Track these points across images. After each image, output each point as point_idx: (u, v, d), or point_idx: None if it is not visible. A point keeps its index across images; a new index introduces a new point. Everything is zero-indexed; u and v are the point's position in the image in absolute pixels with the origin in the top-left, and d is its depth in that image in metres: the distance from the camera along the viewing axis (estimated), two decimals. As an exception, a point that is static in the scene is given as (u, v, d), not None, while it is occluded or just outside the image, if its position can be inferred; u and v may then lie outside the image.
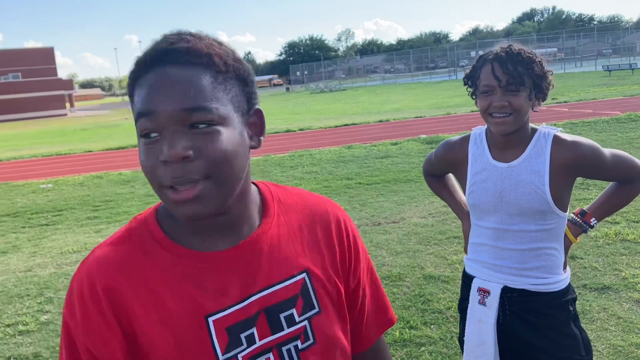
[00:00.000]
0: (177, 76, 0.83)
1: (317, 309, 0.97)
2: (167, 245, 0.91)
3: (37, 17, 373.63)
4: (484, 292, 1.94)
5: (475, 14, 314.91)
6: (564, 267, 1.92)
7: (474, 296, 1.97)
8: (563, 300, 1.88)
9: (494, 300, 1.91)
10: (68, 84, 66.81)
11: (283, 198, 1.02)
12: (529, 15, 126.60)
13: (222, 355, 0.89)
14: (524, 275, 1.88)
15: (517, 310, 1.90)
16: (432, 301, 4.14)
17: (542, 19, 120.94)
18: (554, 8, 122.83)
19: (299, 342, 0.94)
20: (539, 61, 1.79)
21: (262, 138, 0.93)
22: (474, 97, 1.89)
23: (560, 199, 1.83)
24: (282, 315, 0.93)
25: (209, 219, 0.88)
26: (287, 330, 0.93)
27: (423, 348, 3.50)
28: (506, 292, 1.91)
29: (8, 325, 4.36)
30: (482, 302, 1.94)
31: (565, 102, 19.23)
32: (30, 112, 56.80)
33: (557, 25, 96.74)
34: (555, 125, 1.94)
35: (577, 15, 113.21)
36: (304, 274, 0.96)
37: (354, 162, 10.81)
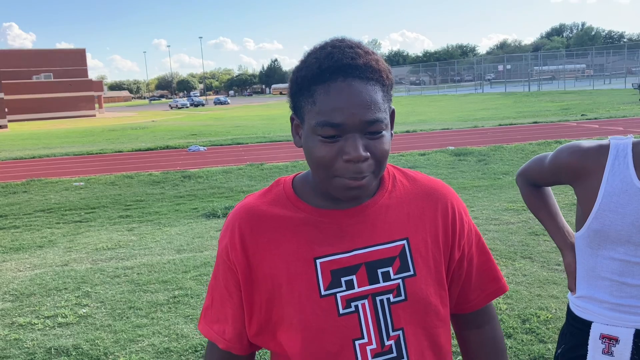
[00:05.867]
0: (361, 91, 0.99)
1: (411, 272, 1.10)
2: (294, 201, 1.12)
3: (68, 19, 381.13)
4: (610, 340, 1.61)
5: (503, 27, 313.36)
6: None
7: (595, 345, 1.63)
8: None
9: (625, 349, 1.59)
10: (98, 85, 68.01)
11: (399, 177, 1.18)
12: (557, 31, 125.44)
13: (324, 291, 1.07)
14: None
15: None
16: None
17: (571, 35, 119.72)
18: (583, 24, 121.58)
19: (391, 296, 1.08)
20: None
21: (392, 132, 1.10)
22: None
23: None
24: (379, 270, 1.09)
25: None
26: (382, 284, 1.08)
27: None
28: (638, 336, 1.58)
29: (47, 317, 4.46)
30: (607, 352, 1.61)
31: (595, 118, 19.05)
32: (61, 112, 57.85)
33: (586, 42, 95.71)
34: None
35: (606, 32, 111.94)
36: (404, 242, 1.11)
37: (382, 171, 10.82)
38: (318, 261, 1.07)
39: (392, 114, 1.10)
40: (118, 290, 4.98)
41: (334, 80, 0.99)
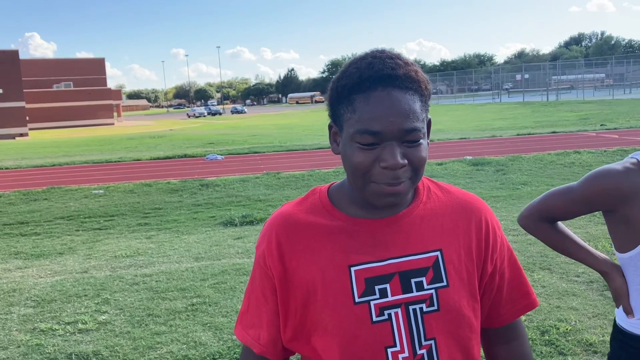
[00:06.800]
0: (400, 101, 1.02)
1: (444, 283, 1.11)
2: (330, 209, 1.15)
3: (88, 29, 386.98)
4: None
5: (521, 37, 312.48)
6: None
7: None
8: None
9: None
10: (117, 94, 68.82)
11: (433, 189, 1.20)
12: (576, 40, 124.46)
13: (358, 298, 1.08)
14: None
15: None
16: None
17: (590, 44, 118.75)
18: (602, 33, 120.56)
19: (424, 306, 1.10)
20: None
21: (428, 141, 1.11)
22: None
23: None
24: (413, 280, 1.10)
25: None
26: (415, 293, 1.10)
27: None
28: None
29: (68, 323, 4.52)
30: None
31: (614, 128, 18.85)
32: (80, 120, 58.65)
33: (605, 51, 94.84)
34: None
35: (626, 41, 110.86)
36: (438, 253, 1.13)
37: (399, 180, 10.80)
38: (353, 269, 1.09)
39: (429, 123, 1.12)
40: (137, 298, 5.03)
41: (374, 90, 1.02)
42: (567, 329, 3.91)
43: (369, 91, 1.02)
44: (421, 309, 1.09)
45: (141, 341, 4.11)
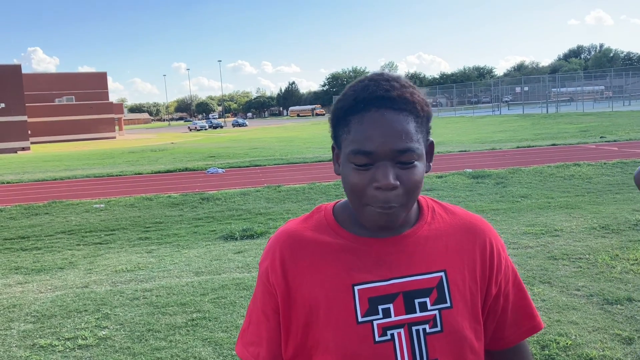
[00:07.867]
0: (392, 121, 1.04)
1: (448, 304, 1.11)
2: (335, 228, 1.16)
3: (90, 43, 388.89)
4: None
5: (520, 49, 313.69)
6: None
7: None
8: None
9: None
10: (118, 108, 69.00)
11: (438, 210, 1.21)
12: (575, 53, 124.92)
13: (361, 318, 1.08)
14: None
15: None
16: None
17: (589, 57, 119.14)
18: (601, 46, 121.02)
19: (427, 327, 1.09)
20: None
21: (431, 164, 1.13)
22: None
23: None
24: (416, 301, 1.10)
25: None
26: (418, 314, 1.10)
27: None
28: None
29: (68, 339, 4.51)
30: None
31: (614, 141, 18.88)
32: (82, 134, 58.83)
33: (604, 63, 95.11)
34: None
35: (625, 53, 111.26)
36: (442, 273, 1.13)
37: (399, 194, 10.81)
38: (356, 288, 1.09)
39: (431, 146, 1.12)
40: (137, 313, 5.03)
41: (367, 111, 1.05)
42: (567, 344, 3.91)
43: (362, 112, 1.05)
44: (424, 329, 1.09)
45: (141, 357, 4.11)
